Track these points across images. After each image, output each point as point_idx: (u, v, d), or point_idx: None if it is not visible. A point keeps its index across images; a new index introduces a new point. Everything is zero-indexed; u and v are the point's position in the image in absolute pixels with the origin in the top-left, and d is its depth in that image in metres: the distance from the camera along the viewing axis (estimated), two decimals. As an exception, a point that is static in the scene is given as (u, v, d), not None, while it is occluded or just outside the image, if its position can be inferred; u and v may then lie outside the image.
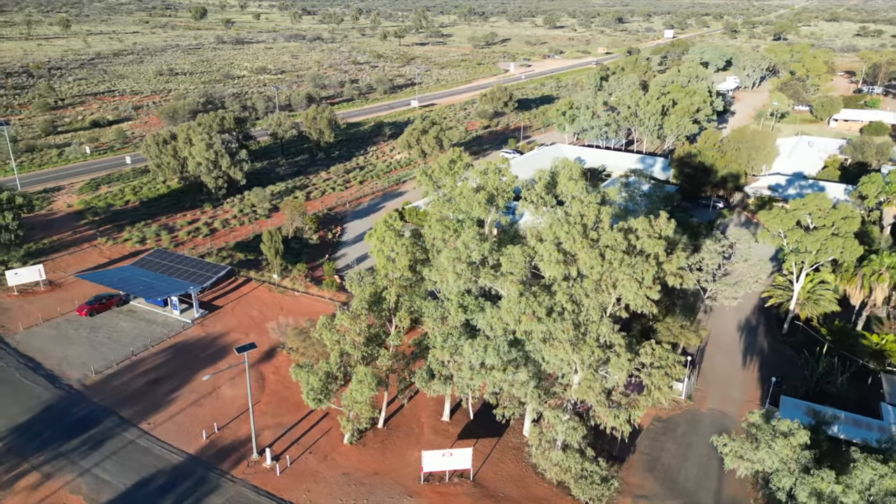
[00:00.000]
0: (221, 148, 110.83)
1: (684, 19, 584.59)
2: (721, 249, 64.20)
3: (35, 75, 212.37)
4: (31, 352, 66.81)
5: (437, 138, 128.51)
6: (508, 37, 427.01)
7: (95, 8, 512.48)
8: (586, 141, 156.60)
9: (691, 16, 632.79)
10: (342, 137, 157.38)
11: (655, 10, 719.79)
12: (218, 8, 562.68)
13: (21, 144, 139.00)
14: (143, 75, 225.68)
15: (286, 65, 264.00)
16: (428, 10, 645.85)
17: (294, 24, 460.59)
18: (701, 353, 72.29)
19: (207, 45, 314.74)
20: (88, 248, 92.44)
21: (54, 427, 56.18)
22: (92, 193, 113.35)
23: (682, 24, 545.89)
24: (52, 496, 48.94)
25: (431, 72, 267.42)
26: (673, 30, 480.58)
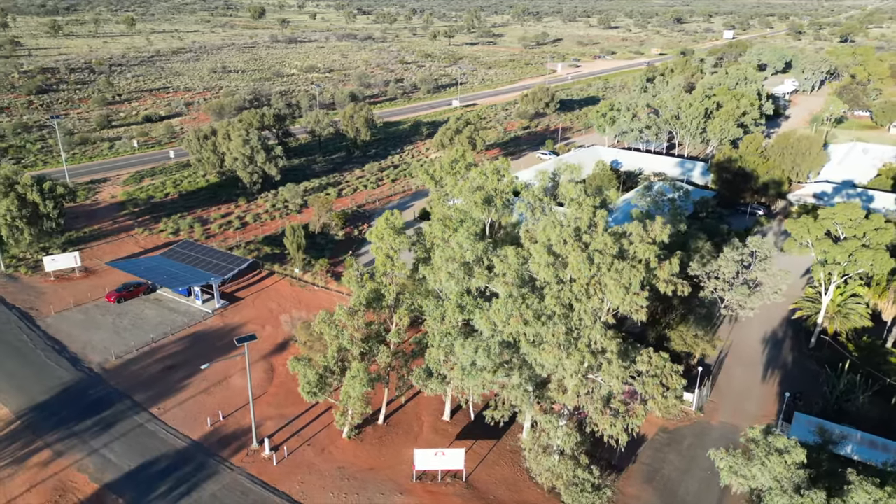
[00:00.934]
0: (257, 144, 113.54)
1: (747, 20, 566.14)
2: (739, 258, 61.98)
3: (97, 71, 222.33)
4: (58, 335, 70.09)
5: (471, 138, 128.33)
6: (560, 37, 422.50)
7: (161, 7, 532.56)
8: (626, 143, 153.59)
9: (755, 16, 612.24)
10: (380, 136, 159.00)
11: (718, 10, 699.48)
12: (276, 7, 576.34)
13: (76, 137, 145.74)
14: (198, 73, 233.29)
15: (335, 64, 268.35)
16: (482, 9, 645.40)
17: (348, 23, 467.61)
18: (719, 364, 70.11)
19: (262, 43, 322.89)
20: (125, 238, 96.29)
21: (70, 407, 58.80)
22: (135, 185, 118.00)
23: (743, 25, 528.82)
24: (60, 473, 51.27)
25: (478, 72, 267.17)
26: (733, 30, 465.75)
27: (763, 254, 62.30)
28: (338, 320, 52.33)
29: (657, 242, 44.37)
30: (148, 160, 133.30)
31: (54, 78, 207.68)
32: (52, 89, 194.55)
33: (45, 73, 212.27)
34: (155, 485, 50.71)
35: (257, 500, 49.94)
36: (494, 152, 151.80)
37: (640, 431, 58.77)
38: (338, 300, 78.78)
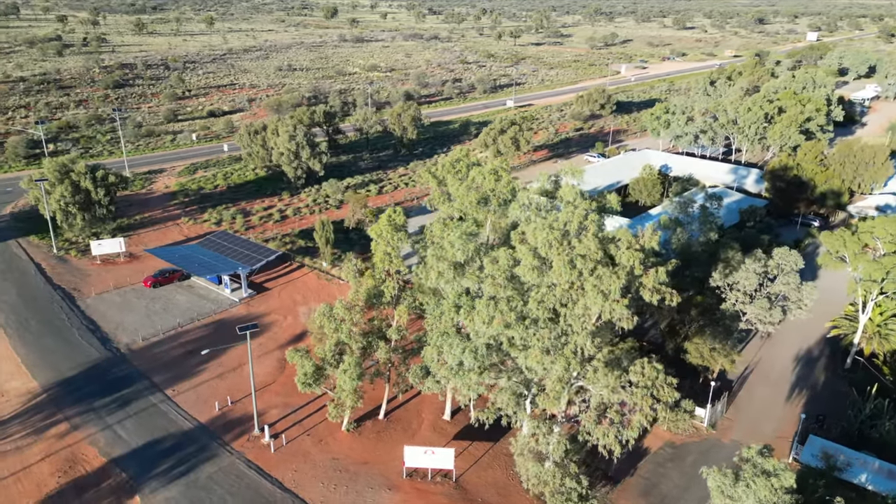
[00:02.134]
0: (303, 140, 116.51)
1: (835, 21, 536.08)
2: (761, 269, 58.98)
3: (171, 68, 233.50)
4: (94, 315, 74.24)
5: (514, 139, 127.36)
6: (630, 38, 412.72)
7: (241, 7, 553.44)
8: (680, 148, 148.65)
9: (845, 17, 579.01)
10: (429, 135, 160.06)
11: (805, 11, 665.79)
12: (349, 7, 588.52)
13: (143, 130, 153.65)
14: (265, 70, 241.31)
15: (398, 63, 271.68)
16: (553, 10, 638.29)
17: (417, 23, 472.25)
18: (742, 380, 67.08)
19: (330, 42, 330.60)
20: (171, 226, 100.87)
21: (93, 384, 62.23)
22: (188, 177, 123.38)
23: (831, 27, 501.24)
24: (73, 445, 54.40)
25: (539, 72, 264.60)
26: (818, 32, 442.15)
27: (789, 267, 59.03)
28: (337, 314, 53.21)
29: (646, 249, 42.86)
30: (204, 153, 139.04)
31: (131, 73, 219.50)
32: (129, 84, 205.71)
33: (124, 68, 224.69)
34: (157, 462, 53.05)
35: (250, 484, 51.46)
36: (542, 154, 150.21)
37: (644, 444, 57.42)
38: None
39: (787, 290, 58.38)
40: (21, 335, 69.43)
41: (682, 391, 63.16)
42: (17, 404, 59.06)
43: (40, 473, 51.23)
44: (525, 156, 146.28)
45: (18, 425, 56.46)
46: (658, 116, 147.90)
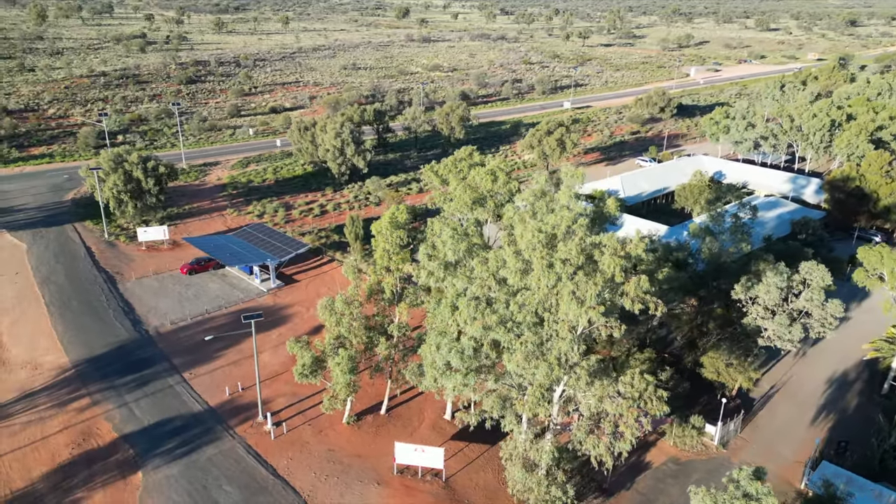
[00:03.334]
0: (348, 137, 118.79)
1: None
2: (783, 284, 55.80)
3: (241, 65, 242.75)
4: (131, 298, 78.28)
5: (560, 140, 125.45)
6: (707, 39, 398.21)
7: (318, 7, 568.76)
8: (740, 155, 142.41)
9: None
10: (481, 135, 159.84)
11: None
12: (422, 8, 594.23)
13: (206, 124, 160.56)
14: (330, 69, 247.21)
15: (460, 63, 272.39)
16: (630, 10, 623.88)
17: (488, 23, 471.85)
18: (765, 398, 63.80)
19: (397, 42, 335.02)
20: (216, 217, 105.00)
21: (118, 363, 65.66)
22: (240, 170, 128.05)
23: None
24: (90, 420, 57.61)
25: (603, 74, 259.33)
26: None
27: (815, 282, 55.59)
28: (337, 308, 54.09)
29: (633, 257, 41.38)
30: (259, 148, 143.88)
31: (204, 70, 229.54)
32: (200, 80, 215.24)
33: (198, 65, 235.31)
34: (164, 441, 55.46)
35: (246, 468, 53.06)
36: (593, 156, 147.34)
37: (646, 457, 55.60)
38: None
39: (810, 307, 55.07)
40: (62, 313, 74.04)
41: (696, 406, 61.20)
42: (48, 377, 63.06)
43: (56, 444, 54.54)
44: (573, 158, 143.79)
45: (45, 397, 60.28)
46: (717, 121, 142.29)
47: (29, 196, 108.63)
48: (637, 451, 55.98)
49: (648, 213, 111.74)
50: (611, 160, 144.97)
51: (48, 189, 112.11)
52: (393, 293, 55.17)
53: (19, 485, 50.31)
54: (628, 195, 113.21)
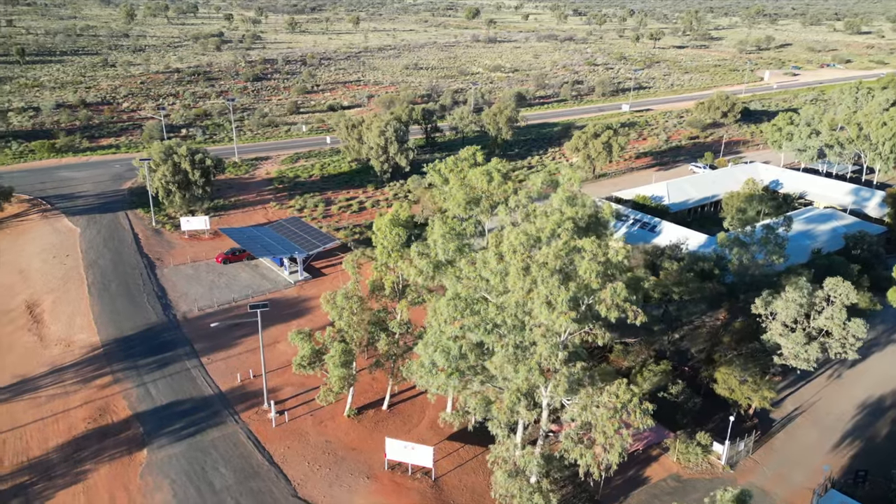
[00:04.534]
0: (392, 135, 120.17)
1: None
2: (802, 300, 52.62)
3: (307, 64, 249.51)
4: (166, 284, 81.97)
5: (607, 144, 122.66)
6: (789, 42, 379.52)
7: (391, 8, 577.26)
8: (803, 163, 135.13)
9: None
10: (531, 136, 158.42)
11: None
12: (493, 9, 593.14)
13: (266, 120, 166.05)
14: (392, 68, 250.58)
15: (523, 64, 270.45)
16: (710, 11, 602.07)
17: (558, 24, 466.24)
18: (787, 419, 60.49)
19: (462, 43, 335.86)
20: (259, 209, 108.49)
21: (144, 344, 68.94)
22: (289, 165, 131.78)
23: None
24: (109, 397, 60.75)
25: (670, 76, 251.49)
26: None
27: (839, 300, 52.17)
28: (338, 302, 54.88)
29: (613, 263, 39.98)
30: (310, 144, 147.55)
31: (271, 68, 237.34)
32: (266, 78, 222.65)
33: (266, 63, 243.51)
34: (172, 422, 57.86)
35: (244, 453, 54.67)
36: (644, 161, 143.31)
37: (645, 472, 53.80)
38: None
39: (830, 326, 51.74)
40: (101, 294, 78.35)
41: (708, 423, 58.63)
42: (78, 354, 66.92)
43: (75, 417, 57.83)
44: (624, 162, 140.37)
45: (72, 373, 64.01)
46: (780, 128, 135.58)
47: (90, 184, 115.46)
48: (637, 465, 54.28)
49: (694, 220, 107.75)
50: (663, 165, 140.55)
51: (109, 178, 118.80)
52: (394, 290, 55.48)
53: (36, 453, 53.66)
54: (673, 202, 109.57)
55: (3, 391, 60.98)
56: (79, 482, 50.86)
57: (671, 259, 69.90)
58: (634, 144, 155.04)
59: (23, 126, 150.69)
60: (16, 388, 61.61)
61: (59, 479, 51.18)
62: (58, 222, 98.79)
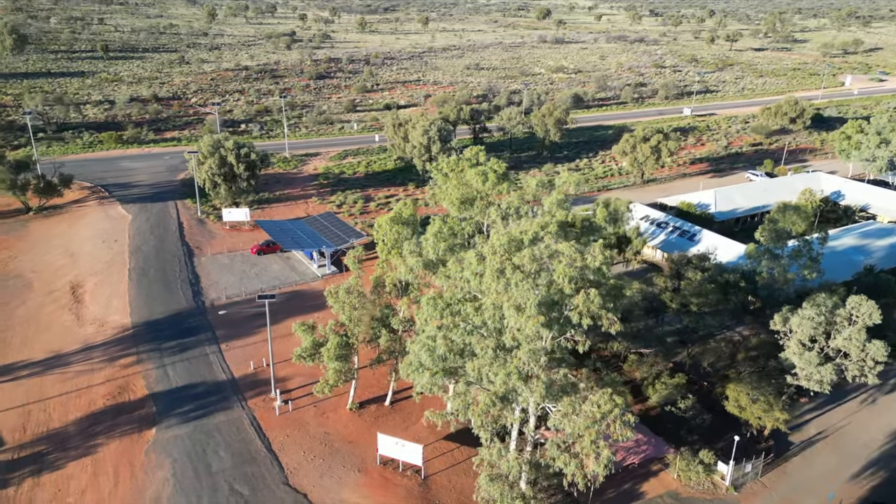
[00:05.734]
0: (435, 135, 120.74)
1: None
2: (819, 318, 49.45)
3: (371, 63, 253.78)
4: (201, 271, 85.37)
5: (656, 148, 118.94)
6: (880, 46, 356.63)
7: (463, 8, 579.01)
8: (870, 175, 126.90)
9: None
10: (583, 138, 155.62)
11: None
12: (566, 9, 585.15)
13: (322, 117, 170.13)
14: (453, 68, 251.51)
15: (587, 65, 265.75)
16: (798, 12, 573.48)
17: (632, 25, 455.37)
18: (807, 443, 57.11)
19: (528, 43, 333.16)
20: (301, 204, 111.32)
21: (169, 329, 72.05)
22: (336, 162, 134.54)
23: None
24: (130, 376, 63.87)
25: (742, 80, 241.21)
26: None
27: (861, 320, 48.72)
28: (340, 297, 55.73)
29: (592, 269, 38.73)
30: (360, 142, 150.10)
31: (335, 67, 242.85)
32: (329, 76, 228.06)
33: (330, 62, 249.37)
34: (183, 403, 60.27)
35: (245, 438, 56.35)
36: (700, 167, 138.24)
37: (642, 487, 52.04)
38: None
39: (848, 347, 48.42)
40: (139, 279, 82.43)
41: (719, 442, 56.04)
42: (109, 335, 70.67)
43: (96, 394, 61.13)
44: (677, 167, 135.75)
45: (101, 352, 67.67)
46: (848, 136, 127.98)
47: (147, 174, 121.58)
48: (633, 479, 52.56)
49: (741, 231, 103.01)
50: (719, 172, 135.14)
51: (165, 169, 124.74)
52: (395, 286, 55.83)
53: (55, 425, 57.07)
54: (719, 210, 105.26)
55: (37, 365, 65.15)
56: (89, 455, 53.76)
57: (696, 269, 67.17)
58: (690, 150, 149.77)
59: (97, 118, 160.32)
60: (49, 362, 65.70)
61: (72, 450, 54.25)
62: (112, 209, 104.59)
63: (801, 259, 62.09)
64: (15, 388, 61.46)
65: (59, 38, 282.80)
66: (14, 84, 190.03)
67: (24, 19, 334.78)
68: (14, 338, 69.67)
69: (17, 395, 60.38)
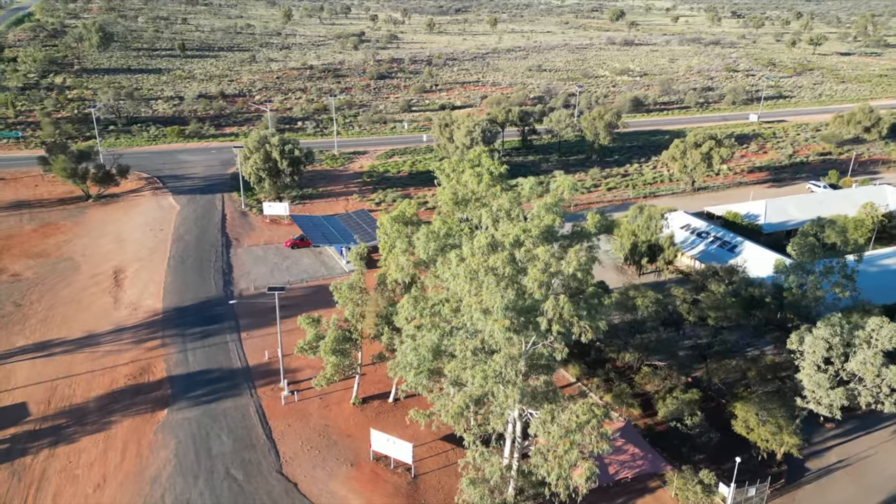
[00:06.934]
0: (479, 136, 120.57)
1: None
2: (833, 339, 46.29)
3: (432, 64, 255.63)
4: (234, 262, 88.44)
5: (707, 154, 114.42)
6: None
7: (535, 9, 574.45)
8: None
9: None
10: (637, 143, 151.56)
11: None
12: (643, 10, 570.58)
13: (377, 117, 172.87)
14: (514, 70, 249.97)
15: (655, 68, 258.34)
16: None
17: (711, 27, 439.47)
18: (824, 470, 53.70)
19: (595, 45, 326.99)
20: (341, 200, 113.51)
21: (196, 315, 75.01)
22: (382, 161, 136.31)
23: None
24: (153, 359, 66.92)
25: (821, 86, 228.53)
26: None
27: (881, 343, 45.29)
28: (343, 292, 56.54)
29: (567, 275, 37.62)
30: (407, 142, 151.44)
31: (397, 67, 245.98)
32: (389, 76, 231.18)
33: (392, 62, 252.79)
34: (197, 388, 62.64)
35: (248, 425, 58.02)
36: (759, 175, 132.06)
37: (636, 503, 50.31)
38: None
39: (863, 371, 45.13)
40: (177, 267, 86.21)
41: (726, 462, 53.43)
42: (141, 318, 74.27)
43: (119, 374, 64.39)
44: (733, 175, 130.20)
45: (130, 334, 71.20)
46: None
47: (201, 167, 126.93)
48: (627, 493, 50.88)
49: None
50: (778, 182, 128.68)
51: (218, 163, 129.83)
52: (397, 284, 56.09)
53: (77, 401, 60.48)
54: (770, 222, 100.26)
55: (71, 343, 69.22)
56: (103, 430, 56.70)
57: (721, 281, 64.27)
58: (751, 157, 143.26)
59: (165, 113, 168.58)
60: (82, 341, 69.68)
61: (88, 425, 57.37)
62: (164, 199, 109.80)
63: (831, 276, 58.33)
64: (47, 363, 65.53)
65: (143, 36, 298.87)
66: (96, 79, 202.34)
67: (114, 18, 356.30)
68: (56, 317, 74.26)
69: (49, 371, 64.36)
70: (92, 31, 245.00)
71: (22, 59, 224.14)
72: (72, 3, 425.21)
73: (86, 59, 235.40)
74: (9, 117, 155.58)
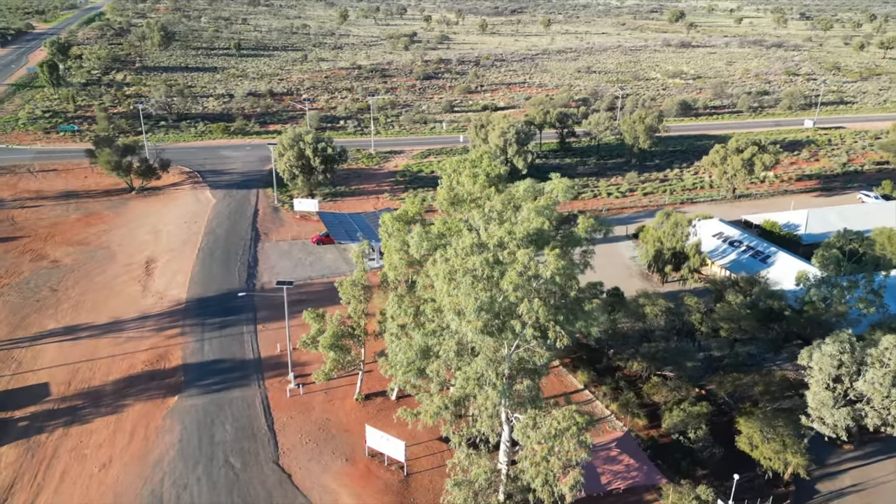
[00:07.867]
0: (513, 137, 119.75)
1: None
2: (841, 357, 43.85)
3: (480, 65, 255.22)
4: (260, 255, 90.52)
5: (748, 161, 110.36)
6: None
7: (593, 10, 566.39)
8: None
9: None
10: (681, 147, 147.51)
11: None
12: (705, 11, 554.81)
13: (418, 117, 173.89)
14: (563, 71, 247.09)
15: (710, 71, 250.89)
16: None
17: (776, 28, 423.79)
18: (837, 493, 51.09)
19: (651, 47, 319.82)
20: (371, 199, 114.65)
21: (217, 306, 77.10)
22: (417, 160, 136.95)
23: None
24: (171, 346, 69.14)
25: (888, 91, 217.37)
26: None
27: (893, 364, 42.67)
28: (346, 290, 57.11)
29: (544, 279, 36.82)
30: (445, 142, 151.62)
31: (444, 68, 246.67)
32: (436, 77, 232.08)
33: (440, 63, 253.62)
34: (208, 377, 64.39)
35: (252, 415, 59.28)
36: (806, 184, 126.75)
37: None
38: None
39: (871, 392, 42.64)
40: (205, 258, 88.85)
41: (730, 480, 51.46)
42: (165, 307, 76.86)
43: (137, 359, 66.79)
44: (779, 183, 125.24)
45: (153, 321, 73.78)
46: None
47: (241, 163, 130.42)
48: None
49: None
50: (828, 191, 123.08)
51: (257, 159, 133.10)
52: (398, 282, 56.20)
53: (95, 384, 63.06)
54: (811, 232, 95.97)
55: (98, 328, 72.24)
56: (115, 413, 58.95)
57: (738, 292, 61.91)
58: (801, 165, 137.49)
59: (214, 110, 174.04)
60: (108, 326, 72.63)
61: (103, 407, 59.74)
62: (202, 193, 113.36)
63: (854, 289, 55.36)
64: (73, 346, 68.57)
65: (203, 35, 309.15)
66: (154, 77, 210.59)
67: (178, 18, 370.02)
68: (87, 302, 77.63)
69: (73, 354, 67.33)
70: (154, 30, 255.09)
71: (87, 57, 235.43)
72: (141, 3, 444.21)
73: (147, 58, 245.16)
74: (69, 112, 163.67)
